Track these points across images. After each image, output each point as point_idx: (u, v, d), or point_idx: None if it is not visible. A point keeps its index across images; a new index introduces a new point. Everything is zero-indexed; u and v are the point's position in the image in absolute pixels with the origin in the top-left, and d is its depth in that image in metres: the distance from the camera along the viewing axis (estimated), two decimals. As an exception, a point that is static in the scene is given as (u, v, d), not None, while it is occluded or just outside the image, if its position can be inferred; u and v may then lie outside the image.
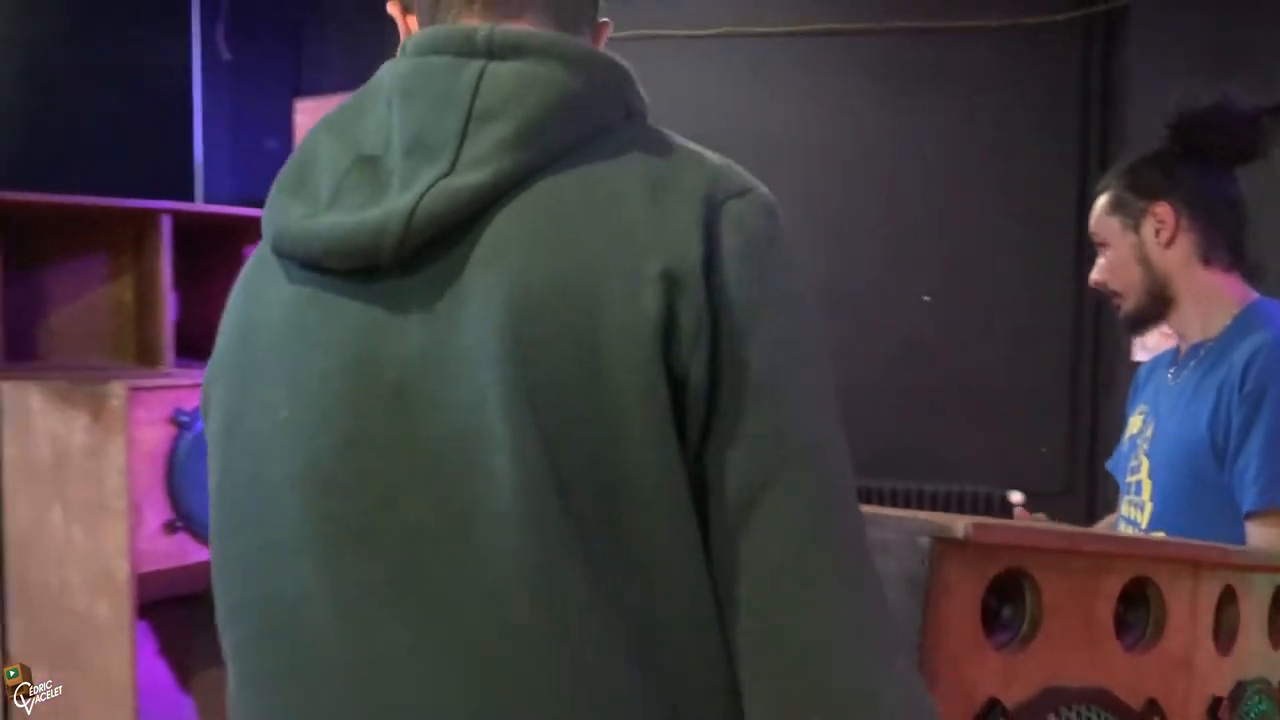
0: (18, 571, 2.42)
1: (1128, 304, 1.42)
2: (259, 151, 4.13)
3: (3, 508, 2.59)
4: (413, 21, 0.72)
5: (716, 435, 0.56)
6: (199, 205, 2.98)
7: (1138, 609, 0.90)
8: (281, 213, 0.65)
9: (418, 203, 0.57)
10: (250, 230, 2.26)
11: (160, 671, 2.24)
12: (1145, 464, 1.42)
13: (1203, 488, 1.30)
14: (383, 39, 4.33)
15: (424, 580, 0.58)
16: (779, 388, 0.57)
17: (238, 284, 0.75)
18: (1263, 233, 1.46)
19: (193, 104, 3.65)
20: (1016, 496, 1.84)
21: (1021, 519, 1.55)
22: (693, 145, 0.64)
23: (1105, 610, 0.87)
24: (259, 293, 0.68)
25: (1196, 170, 1.36)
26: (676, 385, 0.55)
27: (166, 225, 2.12)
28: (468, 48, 0.62)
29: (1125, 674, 0.88)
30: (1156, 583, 0.89)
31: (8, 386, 2.45)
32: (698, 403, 0.56)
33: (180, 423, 2.06)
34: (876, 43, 3.88)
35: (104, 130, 3.26)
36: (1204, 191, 1.35)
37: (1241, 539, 1.24)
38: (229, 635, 0.70)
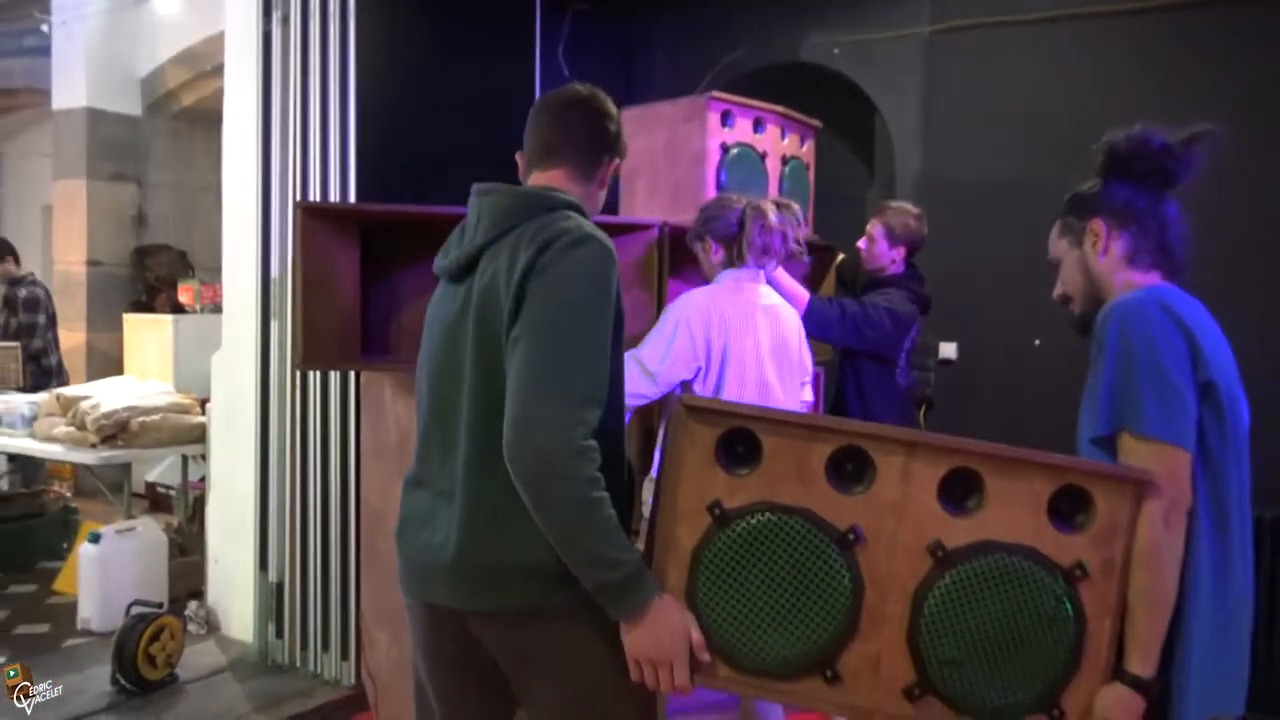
0: (368, 541, 2.72)
1: (1075, 308, 1.65)
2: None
3: (360, 483, 2.93)
4: (520, 159, 1.66)
5: (511, 341, 1.40)
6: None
7: (865, 468, 1.39)
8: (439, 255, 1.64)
9: (460, 253, 1.53)
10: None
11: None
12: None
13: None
14: (703, 53, 4.48)
15: (456, 381, 1.49)
16: (538, 330, 1.38)
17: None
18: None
19: (534, 118, 3.91)
20: None
21: None
22: (566, 217, 1.47)
23: (817, 462, 1.39)
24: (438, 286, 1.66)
25: (1125, 191, 1.57)
26: (512, 320, 1.41)
27: (493, 230, 2.26)
28: (483, 192, 1.56)
29: (831, 505, 1.39)
30: (866, 450, 1.39)
31: (366, 377, 2.77)
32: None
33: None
34: (1218, 13, 3.42)
35: (458, 144, 3.58)
36: (1130, 206, 1.57)
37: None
38: (418, 397, 1.62)
